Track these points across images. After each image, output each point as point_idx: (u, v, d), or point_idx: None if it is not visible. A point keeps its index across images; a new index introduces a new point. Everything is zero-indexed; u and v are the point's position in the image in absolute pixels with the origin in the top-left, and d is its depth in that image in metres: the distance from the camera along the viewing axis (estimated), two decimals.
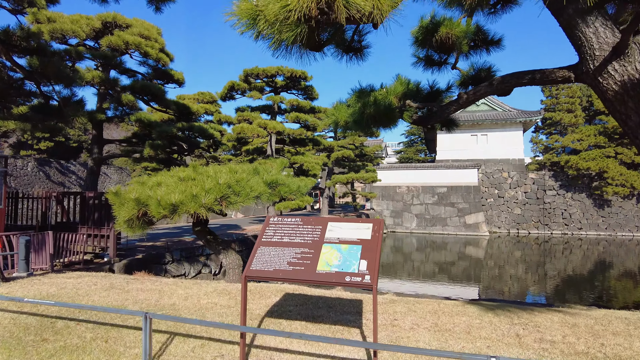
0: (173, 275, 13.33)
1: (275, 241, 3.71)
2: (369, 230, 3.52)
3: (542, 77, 4.68)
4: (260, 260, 3.57)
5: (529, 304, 5.25)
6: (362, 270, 3.20)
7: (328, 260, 3.38)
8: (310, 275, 3.32)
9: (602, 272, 21.43)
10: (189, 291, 5.55)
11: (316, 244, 3.56)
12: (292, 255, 3.52)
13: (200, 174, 5.71)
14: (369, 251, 3.33)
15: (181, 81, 12.94)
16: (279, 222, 3.90)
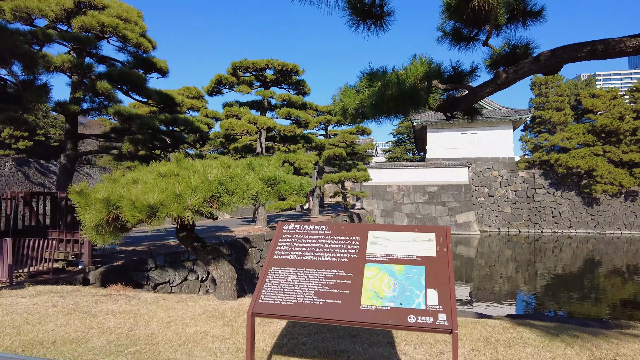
0: (156, 283, 12.21)
1: (293, 259, 2.70)
2: (432, 242, 2.55)
3: (605, 48, 3.83)
4: (273, 289, 2.56)
5: (590, 324, 4.43)
6: (431, 306, 2.25)
7: (377, 289, 2.40)
8: (352, 314, 2.33)
9: (592, 271, 21.25)
10: (172, 313, 4.52)
11: (355, 264, 2.57)
12: (321, 281, 2.52)
13: (186, 169, 4.70)
14: (437, 275, 2.37)
15: (165, 70, 11.80)
16: (297, 231, 2.88)
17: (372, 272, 2.53)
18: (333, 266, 2.64)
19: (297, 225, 2.95)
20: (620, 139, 33.78)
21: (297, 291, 2.56)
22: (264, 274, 2.66)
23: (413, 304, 2.32)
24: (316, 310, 2.41)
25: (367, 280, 2.49)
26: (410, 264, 2.53)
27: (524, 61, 4.36)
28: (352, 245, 2.73)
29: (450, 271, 2.38)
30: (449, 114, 6.02)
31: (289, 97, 19.12)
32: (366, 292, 2.44)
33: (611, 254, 26.33)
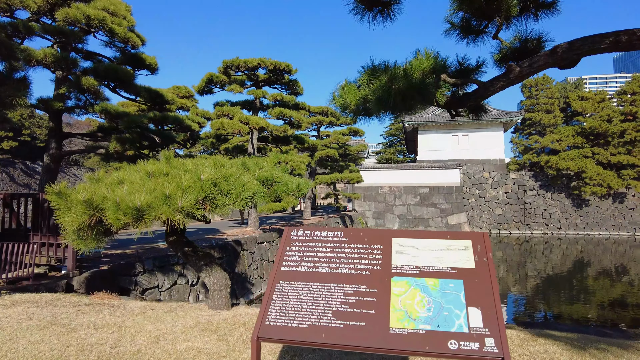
0: (144, 288, 11.76)
1: (305, 272, 2.32)
2: (469, 251, 2.20)
3: (630, 39, 3.58)
4: (282, 307, 2.18)
5: (608, 333, 4.18)
6: (476, 328, 1.90)
7: (408, 308, 2.04)
8: (379, 339, 1.96)
9: (583, 272, 21.34)
10: (161, 326, 4.13)
11: (379, 278, 2.21)
12: (340, 299, 2.15)
13: (176, 168, 4.33)
14: (478, 291, 2.03)
15: (154, 67, 11.33)
16: (308, 238, 2.49)
17: (400, 287, 2.16)
18: (353, 280, 2.26)
19: (307, 230, 2.57)
20: (609, 141, 34.09)
21: (312, 311, 2.17)
22: (270, 290, 2.28)
23: (453, 327, 1.97)
24: (336, 335, 2.03)
25: (395, 298, 2.13)
26: (446, 278, 2.17)
27: (539, 54, 4.10)
28: (374, 254, 2.36)
29: (494, 285, 2.06)
30: (453, 112, 5.74)
31: (282, 97, 18.76)
32: (395, 312, 2.07)
33: (600, 255, 26.52)
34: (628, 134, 32.88)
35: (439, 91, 4.60)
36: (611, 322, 12.24)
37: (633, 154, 33.15)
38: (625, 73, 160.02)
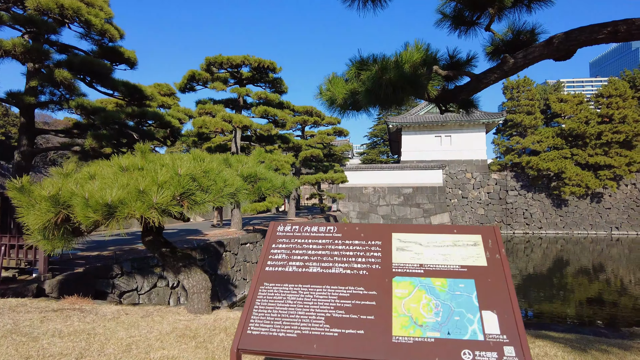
0: (122, 291, 11.32)
1: (293, 272, 2.06)
2: (479, 247, 1.96)
3: (629, 29, 3.46)
4: (266, 314, 1.92)
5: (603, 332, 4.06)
6: (492, 335, 1.66)
7: (413, 312, 1.79)
8: (381, 349, 1.70)
9: (561, 270, 21.70)
10: (135, 332, 3.82)
11: (379, 278, 1.96)
12: (334, 303, 1.90)
13: (152, 163, 4.02)
14: (493, 292, 1.80)
15: (133, 61, 10.88)
16: (296, 234, 2.22)
17: (403, 288, 1.90)
18: (349, 281, 1.99)
19: (295, 226, 2.29)
20: (587, 142, 34.85)
21: (301, 317, 1.90)
22: (253, 293, 2.00)
23: (466, 334, 1.72)
24: (330, 345, 1.76)
25: (397, 301, 1.86)
26: (455, 277, 1.92)
27: (534, 45, 3.96)
28: (372, 252, 2.10)
29: (510, 285, 1.83)
30: (443, 107, 5.59)
31: (266, 95, 18.44)
32: (398, 317, 1.81)
33: (579, 254, 27.06)
34: (605, 136, 33.66)
35: (430, 83, 4.43)
36: (596, 319, 12.39)
37: (609, 155, 33.96)
38: (601, 77, 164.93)
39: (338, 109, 5.46)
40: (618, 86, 35.62)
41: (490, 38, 4.88)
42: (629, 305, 14.59)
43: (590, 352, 3.25)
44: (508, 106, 39.82)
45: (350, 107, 5.36)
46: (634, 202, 35.15)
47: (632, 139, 33.72)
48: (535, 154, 36.37)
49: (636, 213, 34.89)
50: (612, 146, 33.91)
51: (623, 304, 14.78)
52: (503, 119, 38.68)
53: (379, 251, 2.13)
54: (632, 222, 34.73)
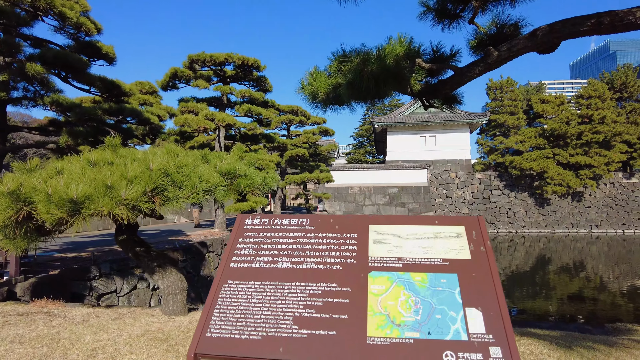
0: (101, 294, 11.00)
1: (260, 268, 1.89)
2: (462, 239, 1.80)
3: (612, 21, 3.42)
4: (229, 314, 1.75)
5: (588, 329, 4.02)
6: (477, 335, 1.53)
7: (390, 310, 1.64)
8: (354, 352, 1.54)
9: (545, 267, 22.03)
10: (103, 336, 3.60)
11: (353, 273, 1.80)
12: (304, 302, 1.74)
13: (123, 157, 3.83)
14: (477, 287, 1.66)
15: (112, 57, 10.54)
16: (265, 227, 2.06)
17: (380, 284, 1.74)
18: (321, 277, 1.82)
19: (265, 218, 2.12)
20: (568, 142, 35.49)
21: (267, 318, 1.73)
22: (214, 292, 1.83)
23: (448, 334, 1.56)
24: (298, 348, 1.59)
25: (373, 298, 1.70)
26: (436, 271, 1.77)
27: (518, 37, 3.90)
28: (346, 245, 1.93)
29: (496, 280, 1.69)
30: (426, 103, 5.51)
31: (250, 94, 18.21)
32: (374, 316, 1.64)
33: (561, 252, 27.53)
34: (585, 136, 34.33)
35: (414, 77, 4.34)
36: (577, 315, 12.55)
37: (589, 155, 34.64)
38: (580, 79, 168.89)
39: (320, 104, 5.34)
40: (597, 88, 36.38)
41: (474, 32, 4.82)
42: (608, 301, 14.84)
43: (576, 350, 3.19)
44: (492, 106, 40.31)
45: (332, 101, 5.24)
46: (612, 201, 35.94)
47: (610, 139, 34.48)
48: (519, 154, 36.88)
49: (614, 211, 35.68)
50: (591, 146, 34.61)
51: (603, 300, 15.03)
52: (487, 119, 39.16)
53: (354, 244, 1.96)
54: (610, 221, 35.50)
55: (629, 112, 37.81)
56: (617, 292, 16.46)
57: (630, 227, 35.02)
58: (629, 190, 36.16)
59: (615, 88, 39.61)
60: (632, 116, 37.12)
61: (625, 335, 3.78)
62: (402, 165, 37.72)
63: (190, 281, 13.02)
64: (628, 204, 35.81)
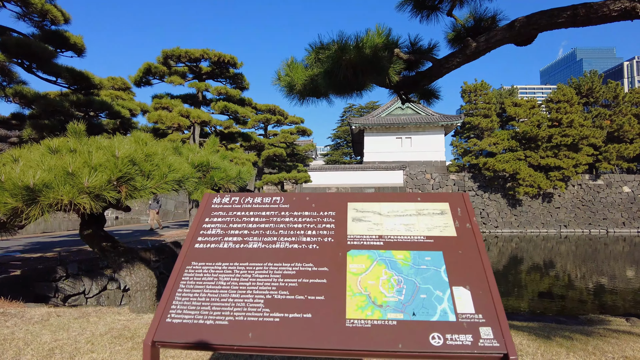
0: (67, 295, 10.53)
1: (228, 249, 1.75)
2: (447, 216, 1.72)
3: (587, 13, 3.44)
4: (191, 298, 1.59)
5: (562, 320, 4.04)
6: (466, 315, 1.42)
7: (371, 290, 1.53)
8: (332, 337, 1.42)
9: (517, 265, 22.61)
10: (63, 336, 3.36)
11: (331, 252, 1.68)
12: (277, 283, 1.61)
13: (87, 145, 3.60)
14: (464, 265, 1.57)
15: (80, 48, 10.07)
16: (235, 207, 1.92)
17: (359, 263, 1.62)
18: (295, 257, 1.69)
19: (235, 197, 1.97)
20: (539, 144, 36.59)
21: (235, 301, 1.57)
22: (176, 275, 1.67)
23: (435, 314, 1.45)
24: (269, 333, 1.45)
25: (353, 277, 1.58)
26: (420, 249, 1.66)
27: (495, 29, 3.89)
28: (324, 223, 1.81)
29: (484, 257, 1.59)
30: (404, 97, 5.47)
31: (226, 91, 17.89)
32: (353, 297, 1.52)
33: (532, 251, 28.32)
34: (555, 139, 35.47)
35: (392, 68, 4.28)
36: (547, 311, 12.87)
37: (559, 157, 35.80)
38: (550, 85, 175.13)
39: (297, 96, 5.22)
40: (566, 92, 37.67)
41: (452, 24, 4.81)
42: (575, 297, 15.32)
43: (555, 339, 3.19)
44: (466, 109, 41.13)
45: (310, 93, 5.12)
46: (579, 202, 37.25)
47: (578, 142, 35.74)
48: (492, 156, 37.74)
49: (581, 212, 36.99)
50: (561, 149, 35.79)
51: (570, 297, 15.50)
52: (461, 121, 39.97)
53: (332, 222, 1.85)
54: (578, 221, 36.77)
55: (594, 116, 39.35)
56: (584, 288, 17.02)
57: (596, 227, 36.37)
58: (595, 192, 37.59)
59: (582, 93, 41.16)
60: (597, 120, 38.64)
61: (600, 325, 3.83)
62: (379, 166, 38.02)
63: (163, 281, 12.64)
64: (594, 204, 37.20)
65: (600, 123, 37.92)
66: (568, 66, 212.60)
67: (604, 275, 19.77)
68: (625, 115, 37.76)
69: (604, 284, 17.60)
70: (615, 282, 17.98)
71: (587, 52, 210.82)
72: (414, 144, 40.82)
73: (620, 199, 37.24)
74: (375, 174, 37.59)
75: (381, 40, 4.62)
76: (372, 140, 41.41)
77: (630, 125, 36.85)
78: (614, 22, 3.39)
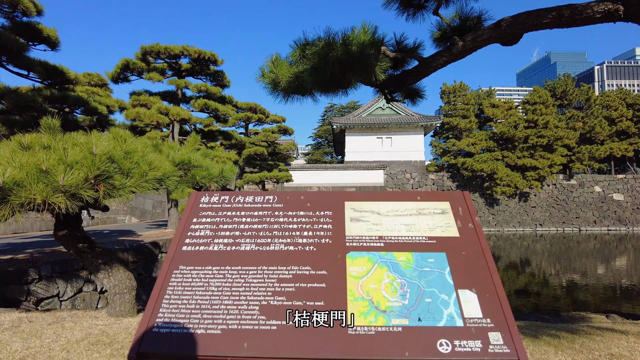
0: (40, 298, 10.14)
1: (219, 252, 1.64)
2: (448, 215, 1.65)
3: (572, 14, 3.49)
4: (179, 305, 1.48)
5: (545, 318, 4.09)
6: (473, 319, 1.36)
7: (374, 295, 1.44)
8: (334, 345, 1.32)
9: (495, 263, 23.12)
10: (35, 343, 3.17)
11: (329, 255, 1.59)
12: (272, 289, 1.51)
13: (62, 141, 3.42)
14: (469, 267, 1.51)
15: (54, 41, 9.65)
16: (225, 206, 1.80)
17: (360, 266, 1.54)
18: (291, 260, 1.60)
19: (224, 196, 1.85)
20: (516, 145, 37.45)
21: (227, 308, 1.46)
22: (163, 280, 1.55)
23: (442, 319, 1.39)
24: (266, 343, 1.35)
25: (353, 281, 1.48)
26: (423, 250, 1.59)
27: (482, 28, 3.91)
28: (320, 224, 1.72)
29: (489, 258, 1.53)
30: (389, 96, 5.45)
31: (207, 88, 17.59)
32: (355, 302, 1.43)
33: (509, 250, 28.99)
34: (531, 139, 36.37)
35: (379, 65, 4.25)
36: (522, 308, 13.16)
37: (535, 157, 36.73)
38: (526, 87, 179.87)
39: (282, 93, 5.14)
40: (541, 94, 38.68)
41: (438, 23, 4.82)
42: (550, 294, 15.75)
43: (542, 338, 3.21)
44: (445, 110, 41.73)
45: (294, 91, 5.05)
46: (554, 201, 38.33)
47: (553, 142, 36.75)
48: (470, 156, 38.41)
49: (556, 211, 38.07)
50: (537, 149, 36.73)
51: (545, 293, 15.91)
52: (440, 122, 40.55)
53: (329, 223, 1.76)
54: (552, 220, 37.83)
55: (568, 118, 40.56)
56: (558, 284, 17.52)
57: (569, 226, 37.49)
58: (569, 191, 38.75)
59: (557, 95, 42.35)
60: (571, 122, 39.84)
61: (583, 323, 3.89)
62: (359, 166, 38.22)
63: (142, 283, 12.31)
64: (568, 204, 38.34)
65: (574, 125, 39.11)
66: (543, 69, 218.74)
67: (577, 272, 20.41)
68: (596, 118, 39.05)
69: (578, 281, 18.17)
70: (588, 279, 18.59)
71: (560, 56, 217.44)
72: (395, 144, 41.22)
73: (592, 198, 38.51)
74: (357, 174, 37.78)
75: (367, 37, 4.58)
76: (353, 139, 41.59)
77: (601, 127, 38.15)
78: (597, 23, 3.44)
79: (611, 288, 16.48)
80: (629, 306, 13.19)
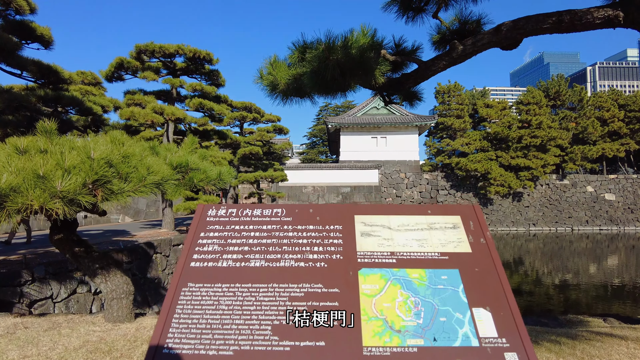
0: (33, 300, 10.03)
1: (228, 268, 1.60)
2: (459, 230, 1.63)
3: (572, 19, 3.50)
4: (189, 325, 1.44)
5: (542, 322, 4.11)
6: (489, 339, 1.33)
7: (387, 313, 1.41)
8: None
9: None
10: (32, 351, 3.12)
11: (341, 271, 1.55)
12: (284, 306, 1.48)
13: (59, 145, 3.37)
14: (482, 284, 1.47)
15: (48, 40, 9.51)
16: (233, 220, 1.77)
17: (372, 283, 1.50)
18: (303, 277, 1.56)
19: (232, 209, 1.82)
20: (509, 145, 37.68)
21: (239, 328, 1.42)
22: (172, 298, 1.51)
23: (457, 339, 1.36)
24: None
25: (367, 300, 1.45)
26: (435, 267, 1.56)
27: (482, 32, 3.91)
28: (331, 239, 1.68)
29: (501, 274, 1.51)
30: (387, 99, 5.44)
31: (202, 87, 17.48)
32: (369, 321, 1.39)
33: (502, 249, 29.18)
34: (524, 140, 36.61)
35: (378, 69, 4.23)
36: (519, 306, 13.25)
37: (528, 158, 36.99)
38: (520, 87, 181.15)
39: (280, 95, 5.11)
40: (535, 95, 38.94)
41: (437, 27, 4.81)
42: (543, 293, 15.89)
43: (543, 344, 3.22)
44: (439, 110, 41.87)
45: (293, 93, 5.03)
46: (547, 201, 38.63)
47: (546, 143, 37.02)
48: (464, 156, 38.58)
49: (549, 210, 38.37)
50: (530, 149, 36.98)
51: (538, 292, 16.05)
52: (435, 121, 40.68)
53: (339, 238, 1.72)
54: (545, 219, 38.13)
55: (561, 118, 40.86)
56: (551, 284, 17.68)
57: (562, 225, 37.81)
58: (561, 191, 39.07)
59: (550, 96, 42.65)
60: (564, 122, 40.15)
61: (582, 327, 3.91)
62: (354, 165, 38.26)
63: (137, 284, 12.24)
64: (560, 203, 38.66)
65: (567, 125, 39.43)
66: (536, 69, 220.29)
67: (570, 272, 20.59)
68: (589, 118, 39.39)
69: (570, 280, 18.33)
70: (580, 278, 18.77)
71: (553, 57, 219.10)
72: (389, 144, 41.29)
73: (584, 198, 38.87)
74: (351, 173, 37.84)
75: (367, 40, 4.57)
76: (348, 139, 41.61)
77: (594, 127, 38.49)
78: (597, 29, 3.45)
79: (603, 287, 16.68)
80: (620, 304, 13.37)
